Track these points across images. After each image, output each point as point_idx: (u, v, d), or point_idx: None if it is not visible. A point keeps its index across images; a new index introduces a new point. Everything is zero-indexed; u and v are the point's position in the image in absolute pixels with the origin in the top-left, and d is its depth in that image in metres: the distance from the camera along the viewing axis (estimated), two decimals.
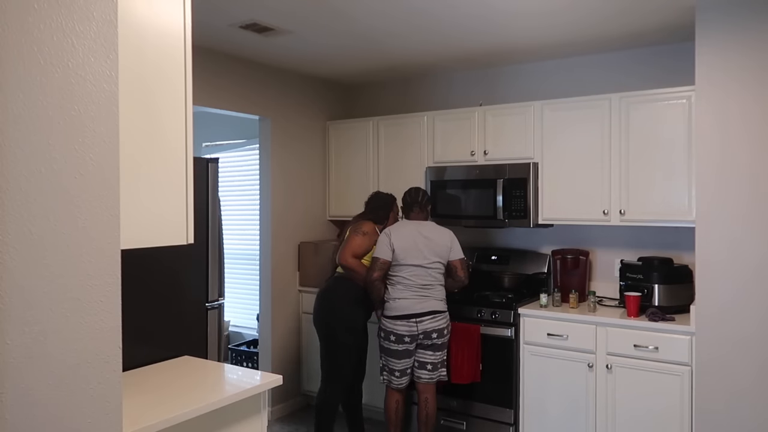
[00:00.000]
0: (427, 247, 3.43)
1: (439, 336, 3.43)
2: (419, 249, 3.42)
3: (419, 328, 3.39)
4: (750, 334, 2.85)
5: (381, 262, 3.43)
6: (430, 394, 3.50)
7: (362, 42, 3.72)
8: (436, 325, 3.41)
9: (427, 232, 3.48)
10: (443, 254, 3.46)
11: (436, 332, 3.41)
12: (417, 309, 3.39)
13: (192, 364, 2.47)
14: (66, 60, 1.25)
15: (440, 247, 3.46)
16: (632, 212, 3.46)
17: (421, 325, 3.39)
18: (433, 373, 3.47)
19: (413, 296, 3.41)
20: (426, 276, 3.42)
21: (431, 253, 3.43)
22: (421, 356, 3.46)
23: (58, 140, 1.25)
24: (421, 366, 3.47)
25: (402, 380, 3.48)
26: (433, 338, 3.42)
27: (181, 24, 1.88)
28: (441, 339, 3.45)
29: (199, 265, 2.77)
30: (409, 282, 3.42)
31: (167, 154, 1.87)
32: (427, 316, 3.39)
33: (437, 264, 3.45)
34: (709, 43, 2.93)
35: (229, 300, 5.42)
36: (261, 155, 4.41)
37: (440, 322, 3.43)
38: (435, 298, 3.43)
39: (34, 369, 1.22)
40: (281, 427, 4.19)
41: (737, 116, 2.88)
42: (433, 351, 3.46)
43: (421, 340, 3.42)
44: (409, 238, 3.44)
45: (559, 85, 4.05)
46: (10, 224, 1.17)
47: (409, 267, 3.42)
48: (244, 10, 3.14)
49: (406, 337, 3.40)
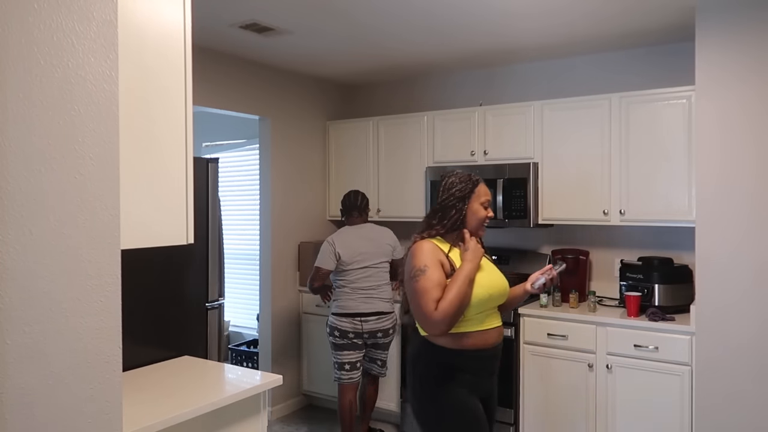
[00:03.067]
0: (372, 248, 3.58)
1: (384, 336, 3.58)
2: (364, 252, 3.55)
3: (364, 327, 3.52)
4: (750, 334, 2.85)
5: (323, 273, 3.57)
6: (376, 386, 3.75)
7: (362, 42, 3.72)
8: (381, 325, 3.55)
9: (369, 234, 3.64)
10: (388, 252, 3.62)
11: (381, 332, 3.56)
12: (362, 309, 3.52)
13: (192, 364, 2.47)
14: (66, 60, 1.25)
15: (384, 246, 3.62)
16: (632, 212, 3.46)
17: (366, 325, 3.52)
18: (382, 368, 3.69)
19: (359, 297, 3.54)
20: (373, 277, 3.56)
21: (376, 254, 3.58)
22: (371, 353, 3.65)
23: (58, 140, 1.25)
24: (372, 361, 3.68)
25: (352, 374, 3.58)
26: (378, 337, 3.57)
27: (181, 24, 1.88)
28: (387, 338, 3.61)
29: (199, 265, 2.77)
30: (355, 285, 3.54)
31: (167, 153, 1.87)
32: (372, 317, 3.53)
33: (384, 264, 3.61)
34: (709, 42, 2.93)
35: (229, 300, 5.41)
36: (261, 155, 4.41)
37: (385, 323, 3.56)
38: (381, 299, 3.57)
39: (34, 369, 1.22)
40: (281, 427, 4.18)
41: (737, 116, 2.88)
42: (382, 349, 3.65)
43: (366, 339, 3.56)
44: (354, 243, 3.57)
45: (559, 85, 4.05)
46: (10, 224, 1.17)
47: (356, 270, 3.54)
48: (244, 10, 3.14)
49: (350, 333, 3.53)
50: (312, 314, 4.49)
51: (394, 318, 3.61)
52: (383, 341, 3.60)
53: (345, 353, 3.56)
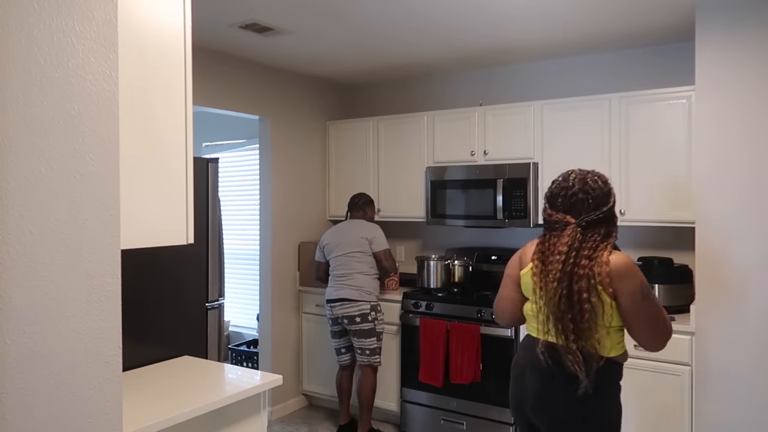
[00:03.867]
0: (346, 238, 3.86)
1: (350, 322, 3.75)
2: (339, 242, 3.87)
3: (333, 312, 3.81)
4: (750, 334, 2.85)
5: (317, 265, 4.03)
6: (364, 375, 3.82)
7: (362, 42, 3.72)
8: (344, 311, 3.75)
9: (350, 227, 3.92)
10: (362, 243, 3.82)
11: (346, 318, 3.75)
12: (333, 295, 3.82)
13: (192, 364, 2.47)
14: (66, 60, 1.25)
15: (356, 237, 3.84)
16: (632, 212, 3.46)
17: (335, 310, 3.80)
18: (364, 357, 3.79)
19: (333, 284, 3.85)
20: (345, 265, 3.82)
21: (349, 244, 3.84)
22: (352, 340, 3.83)
23: (58, 140, 1.25)
24: (355, 349, 3.84)
25: (342, 358, 3.93)
26: (345, 323, 3.78)
27: (181, 24, 1.88)
28: (354, 326, 3.75)
29: (199, 265, 2.77)
30: (333, 273, 3.88)
31: (167, 153, 1.87)
32: (337, 302, 3.78)
33: (356, 253, 3.82)
34: (709, 42, 2.93)
35: (229, 300, 5.41)
36: (261, 155, 4.41)
37: (348, 310, 3.75)
38: (350, 287, 3.77)
39: (34, 369, 1.22)
40: (281, 427, 4.18)
41: (737, 116, 2.88)
42: (357, 338, 3.77)
43: (341, 324, 3.82)
44: (335, 235, 3.93)
45: (559, 85, 4.05)
46: (10, 224, 1.17)
47: (334, 258, 3.88)
48: (244, 10, 3.14)
49: (329, 319, 3.88)
50: (312, 314, 4.49)
51: (361, 307, 3.74)
52: (351, 328, 3.76)
53: (333, 339, 3.93)
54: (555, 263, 1.98)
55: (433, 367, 3.73)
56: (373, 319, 3.76)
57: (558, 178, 2.11)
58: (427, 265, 4.08)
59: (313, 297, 4.47)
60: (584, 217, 2.00)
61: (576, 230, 1.99)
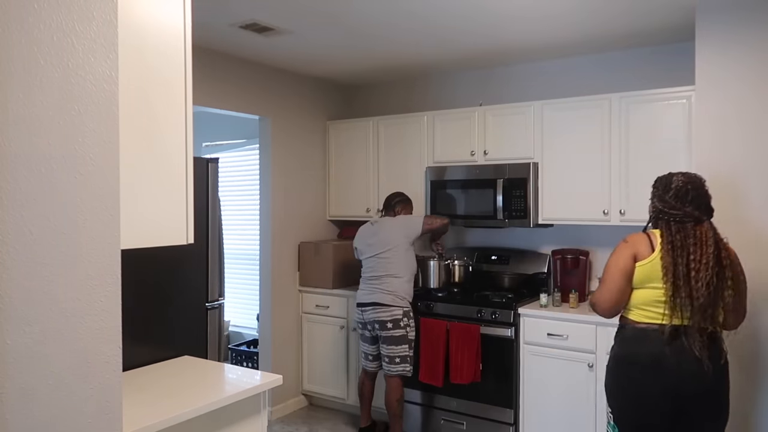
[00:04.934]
0: (375, 238, 3.72)
1: (381, 328, 3.59)
2: (369, 243, 3.74)
3: (365, 317, 3.66)
4: (750, 334, 2.84)
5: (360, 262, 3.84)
6: (389, 386, 3.66)
7: (362, 42, 3.72)
8: (376, 316, 3.59)
9: (379, 226, 3.77)
10: (392, 240, 3.65)
11: (378, 323, 3.59)
12: (365, 299, 3.67)
13: (192, 364, 2.47)
14: (66, 60, 1.25)
15: (386, 234, 3.69)
16: (632, 212, 3.46)
17: (366, 314, 3.64)
18: (389, 365, 3.61)
19: (364, 287, 3.71)
20: (378, 267, 3.66)
21: (379, 244, 3.68)
22: (381, 348, 3.66)
23: (58, 140, 1.25)
24: (383, 357, 3.66)
25: (369, 364, 3.77)
26: (376, 329, 3.62)
27: (181, 24, 1.88)
28: (385, 332, 3.59)
29: (199, 265, 2.77)
30: (364, 275, 3.75)
31: (167, 153, 1.87)
32: (369, 307, 3.63)
33: (388, 253, 3.65)
34: (709, 42, 2.93)
35: (229, 300, 5.41)
36: (261, 155, 4.41)
37: (381, 315, 3.58)
38: (382, 291, 3.61)
39: (34, 369, 1.22)
40: (281, 427, 4.18)
41: (737, 116, 2.88)
42: (386, 345, 3.61)
43: (372, 330, 3.65)
44: (364, 235, 3.81)
45: (559, 85, 4.05)
46: (10, 224, 1.17)
47: (365, 260, 3.76)
48: (244, 10, 3.14)
49: (359, 323, 3.73)
50: (312, 314, 4.49)
51: (393, 312, 3.57)
52: (382, 334, 3.59)
53: (362, 343, 3.78)
54: (703, 254, 2.23)
55: (433, 367, 3.73)
56: (405, 326, 3.60)
57: (675, 177, 2.38)
58: (427, 265, 4.08)
59: (313, 297, 4.47)
60: (712, 212, 2.34)
61: (711, 223, 2.30)
